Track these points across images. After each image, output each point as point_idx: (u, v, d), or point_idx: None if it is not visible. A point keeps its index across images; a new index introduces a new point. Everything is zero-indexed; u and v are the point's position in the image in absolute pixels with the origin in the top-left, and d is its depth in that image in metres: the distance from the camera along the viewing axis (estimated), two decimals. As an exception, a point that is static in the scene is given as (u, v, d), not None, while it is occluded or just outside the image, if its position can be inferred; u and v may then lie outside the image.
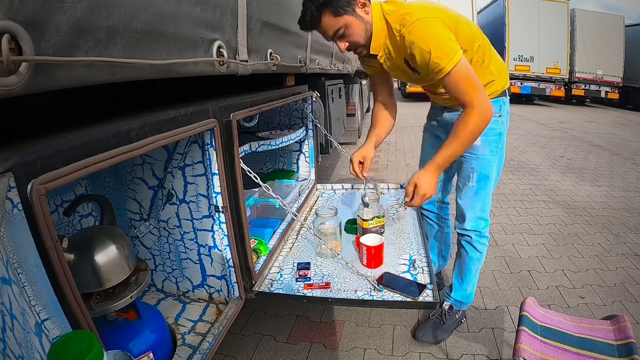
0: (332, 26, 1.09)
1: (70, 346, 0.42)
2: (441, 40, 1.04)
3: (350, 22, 1.09)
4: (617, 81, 10.39)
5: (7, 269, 0.45)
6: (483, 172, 1.35)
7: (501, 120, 1.30)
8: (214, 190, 1.03)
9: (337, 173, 3.92)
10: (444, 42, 1.04)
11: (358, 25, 1.10)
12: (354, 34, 1.11)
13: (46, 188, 0.49)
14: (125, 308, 0.82)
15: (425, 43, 1.04)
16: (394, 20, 1.10)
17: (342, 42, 1.13)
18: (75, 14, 0.48)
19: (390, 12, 1.13)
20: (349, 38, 1.12)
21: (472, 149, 1.29)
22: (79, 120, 0.68)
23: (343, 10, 1.07)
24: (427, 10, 1.09)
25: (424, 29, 1.04)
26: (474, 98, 1.08)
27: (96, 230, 0.91)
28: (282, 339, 1.51)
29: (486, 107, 1.09)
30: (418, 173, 1.19)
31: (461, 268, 1.49)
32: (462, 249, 1.47)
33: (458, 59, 1.04)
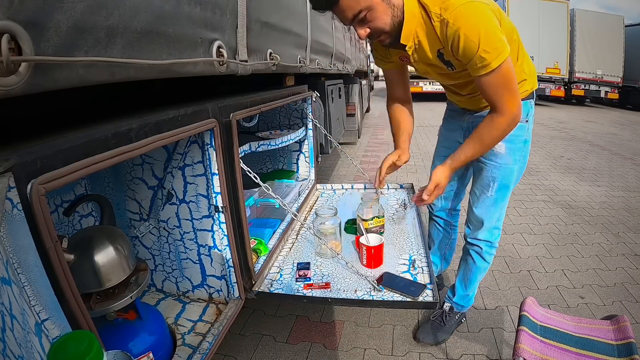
0: (351, 7, 0.92)
1: (70, 346, 0.42)
2: (492, 31, 0.90)
3: (375, 5, 0.93)
4: (617, 81, 10.39)
5: (7, 269, 0.45)
6: (504, 181, 1.26)
7: (527, 126, 1.21)
8: (214, 190, 1.03)
9: (337, 173, 3.92)
10: (495, 34, 0.90)
11: (383, 8, 0.95)
12: (377, 18, 0.96)
13: (46, 188, 0.49)
14: (125, 308, 0.82)
15: (474, 32, 0.89)
16: (433, 3, 0.94)
17: (363, 28, 0.97)
18: (75, 14, 0.48)
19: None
20: (371, 23, 0.96)
21: (495, 156, 1.22)
22: (79, 120, 0.68)
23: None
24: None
25: (472, 15, 0.90)
26: (510, 104, 0.98)
27: (96, 230, 0.91)
28: (282, 339, 1.51)
29: (517, 115, 1.01)
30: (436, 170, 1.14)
31: (466, 275, 1.45)
32: (470, 258, 1.41)
33: (506, 55, 0.92)
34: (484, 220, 1.31)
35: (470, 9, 0.90)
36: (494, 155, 1.22)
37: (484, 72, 0.94)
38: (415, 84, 10.32)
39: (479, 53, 0.91)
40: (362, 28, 0.97)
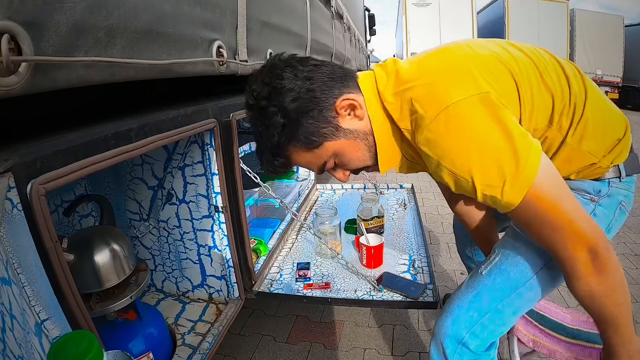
0: (312, 162, 0.71)
1: (70, 346, 0.42)
2: (490, 153, 0.57)
3: (338, 149, 0.68)
4: (617, 81, 10.39)
5: (7, 269, 0.45)
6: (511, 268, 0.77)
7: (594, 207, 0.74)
8: (214, 191, 1.03)
9: (337, 173, 3.92)
10: (497, 154, 0.57)
11: (352, 146, 0.69)
12: (352, 160, 0.71)
13: (46, 188, 0.49)
14: (125, 308, 0.82)
15: (459, 166, 0.59)
16: (397, 111, 0.66)
17: (341, 172, 0.75)
18: (75, 14, 0.48)
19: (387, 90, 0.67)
20: (347, 166, 0.73)
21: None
22: (79, 120, 0.68)
23: (319, 136, 0.66)
24: (447, 72, 0.62)
25: (451, 135, 0.58)
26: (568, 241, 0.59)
27: (96, 230, 0.91)
28: (282, 339, 1.51)
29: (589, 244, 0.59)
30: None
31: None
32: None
33: (531, 176, 0.57)
34: (455, 306, 0.82)
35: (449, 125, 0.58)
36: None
37: (504, 211, 0.62)
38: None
39: (481, 191, 0.60)
40: (341, 172, 0.75)
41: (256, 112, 0.67)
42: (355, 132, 0.69)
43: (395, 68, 0.69)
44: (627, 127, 0.72)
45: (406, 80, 0.65)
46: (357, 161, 0.72)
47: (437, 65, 0.65)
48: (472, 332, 0.78)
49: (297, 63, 0.66)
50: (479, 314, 0.78)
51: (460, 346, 0.79)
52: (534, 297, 0.77)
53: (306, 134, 0.66)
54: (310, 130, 0.66)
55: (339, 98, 0.66)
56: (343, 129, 0.68)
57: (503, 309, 0.77)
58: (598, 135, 0.69)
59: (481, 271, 0.82)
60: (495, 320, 0.78)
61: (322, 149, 0.68)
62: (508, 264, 0.77)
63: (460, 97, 0.58)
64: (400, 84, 0.66)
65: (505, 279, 0.77)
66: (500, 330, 0.80)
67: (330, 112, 0.66)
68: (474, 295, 0.79)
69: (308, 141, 0.67)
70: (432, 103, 0.60)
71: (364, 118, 0.69)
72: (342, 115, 0.67)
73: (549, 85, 0.67)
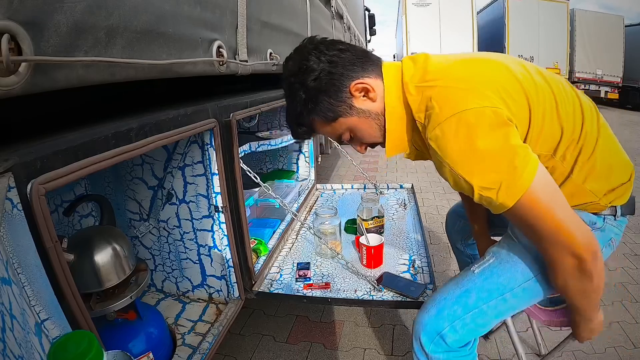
0: (330, 132, 0.81)
1: (70, 346, 0.42)
2: (491, 160, 0.62)
3: (352, 124, 0.77)
4: (617, 81, 10.39)
5: (7, 269, 0.45)
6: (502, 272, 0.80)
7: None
8: (214, 190, 1.03)
9: (337, 173, 3.93)
10: (497, 161, 0.62)
11: (364, 123, 0.77)
12: (365, 136, 0.80)
13: (46, 188, 0.49)
14: (125, 308, 0.82)
15: (461, 166, 0.64)
16: (416, 103, 0.71)
17: (359, 145, 0.84)
18: (75, 14, 0.48)
19: (412, 82, 0.72)
20: (363, 140, 0.82)
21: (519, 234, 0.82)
22: (79, 120, 0.68)
23: (334, 112, 0.75)
24: (469, 83, 0.67)
25: (459, 138, 0.62)
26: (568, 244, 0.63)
27: (96, 230, 0.91)
28: (282, 339, 1.51)
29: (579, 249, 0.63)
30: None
31: None
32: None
33: (525, 184, 0.61)
34: (442, 298, 0.84)
35: (458, 127, 0.62)
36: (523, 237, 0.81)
37: (499, 212, 0.66)
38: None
39: (478, 192, 0.64)
40: (358, 145, 0.84)
41: (285, 86, 0.78)
42: (367, 112, 0.77)
43: (424, 64, 0.75)
44: (632, 173, 0.77)
45: (431, 78, 0.71)
46: (369, 137, 0.80)
47: (463, 74, 0.70)
48: (453, 326, 0.80)
49: (324, 47, 0.75)
50: (464, 310, 0.80)
51: (438, 337, 0.81)
52: (517, 304, 0.82)
53: (323, 109, 0.75)
54: (326, 107, 0.75)
55: (355, 81, 0.74)
56: (356, 108, 0.76)
57: (487, 311, 0.80)
58: (603, 177, 0.74)
59: (473, 270, 0.85)
60: (477, 320, 0.81)
61: (337, 123, 0.77)
62: (500, 269, 0.81)
63: (474, 105, 0.63)
64: (425, 80, 0.71)
65: (495, 282, 0.80)
66: (479, 331, 0.82)
67: (345, 93, 0.75)
68: (462, 292, 0.82)
69: (325, 115, 0.76)
70: (448, 105, 0.65)
71: (377, 100, 0.76)
72: (356, 97, 0.75)
73: (562, 117, 0.71)
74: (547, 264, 0.70)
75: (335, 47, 0.75)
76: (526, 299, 0.81)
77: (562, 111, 0.71)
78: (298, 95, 0.75)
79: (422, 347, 0.83)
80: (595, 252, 0.64)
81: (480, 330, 0.82)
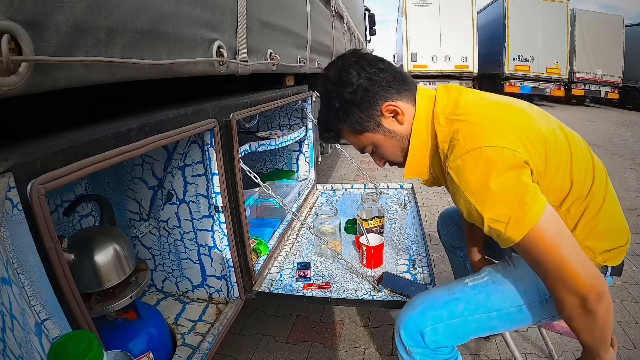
0: (354, 143, 0.87)
1: (70, 346, 0.42)
2: (503, 196, 0.65)
3: (376, 141, 0.82)
4: (617, 81, 10.39)
5: (7, 269, 0.45)
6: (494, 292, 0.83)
7: None
8: (214, 190, 1.03)
9: (337, 173, 3.92)
10: (508, 197, 0.65)
11: (387, 142, 0.82)
12: (386, 153, 0.85)
13: (46, 188, 0.49)
14: (125, 308, 0.82)
15: (475, 198, 0.67)
16: (443, 133, 0.75)
17: (376, 158, 0.89)
18: (75, 14, 0.48)
19: (442, 114, 0.76)
20: (383, 157, 0.87)
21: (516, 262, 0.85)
22: (79, 120, 0.68)
23: (362, 126, 0.81)
24: (495, 123, 0.70)
25: (478, 171, 0.66)
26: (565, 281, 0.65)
27: (96, 230, 0.91)
28: (282, 339, 1.51)
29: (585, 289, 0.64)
30: None
31: None
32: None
33: (533, 220, 0.64)
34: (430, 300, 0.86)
35: (478, 161, 0.66)
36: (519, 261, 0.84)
37: (506, 245, 0.69)
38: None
39: (487, 224, 0.67)
40: (378, 159, 0.89)
41: (322, 91, 0.84)
42: (394, 132, 0.82)
43: (457, 98, 0.79)
44: (628, 238, 0.82)
45: (461, 113, 0.74)
46: (390, 155, 0.85)
47: (491, 114, 0.74)
48: (435, 327, 0.82)
49: (366, 63, 0.78)
50: (449, 316, 0.82)
51: (417, 334, 0.83)
52: (498, 326, 0.84)
53: (353, 122, 0.80)
54: (356, 120, 0.80)
55: (387, 102, 0.79)
56: (383, 127, 0.81)
57: (470, 322, 0.83)
58: (603, 237, 0.78)
59: (467, 282, 0.87)
60: (458, 328, 0.83)
61: (364, 136, 0.83)
62: (492, 289, 0.84)
63: (496, 144, 0.67)
64: (455, 113, 0.75)
65: (484, 299, 0.83)
66: (456, 340, 0.84)
67: (376, 111, 0.79)
68: (452, 298, 0.84)
69: (353, 127, 0.81)
70: (472, 139, 0.69)
71: (404, 124, 0.81)
72: (386, 117, 0.80)
73: (574, 172, 0.74)
74: (553, 299, 0.71)
75: (377, 65, 0.79)
76: (508, 323, 0.84)
77: (575, 167, 0.74)
78: (332, 103, 0.80)
79: (402, 341, 0.85)
80: (600, 292, 0.65)
81: (457, 340, 0.84)
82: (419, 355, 0.83)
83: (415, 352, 0.84)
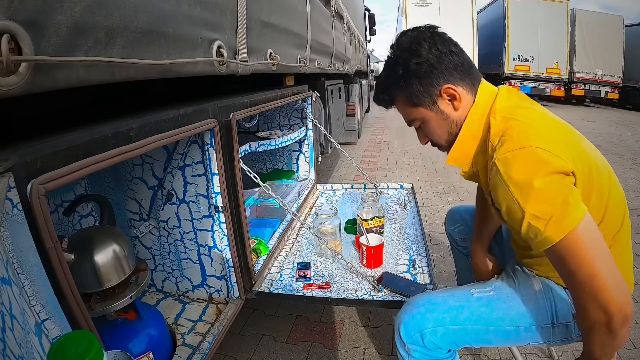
0: (405, 114, 0.86)
1: (70, 346, 0.42)
2: (547, 193, 0.64)
3: (427, 117, 0.82)
4: (617, 81, 10.39)
5: (7, 269, 0.45)
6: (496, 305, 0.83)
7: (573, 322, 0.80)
8: (214, 190, 1.03)
9: (337, 173, 3.92)
10: (553, 195, 0.64)
11: (438, 123, 0.82)
12: (432, 133, 0.85)
13: (46, 188, 0.49)
14: (125, 308, 0.82)
15: (520, 191, 0.66)
16: (497, 127, 0.75)
17: (419, 134, 0.89)
18: (75, 14, 0.48)
19: (500, 112, 0.76)
20: (428, 135, 0.87)
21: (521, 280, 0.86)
22: (79, 120, 0.68)
23: (417, 100, 0.80)
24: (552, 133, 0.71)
25: (526, 166, 0.66)
26: (596, 298, 0.62)
27: (96, 230, 0.91)
28: (282, 339, 1.51)
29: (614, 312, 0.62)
30: None
31: None
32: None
33: (574, 222, 0.63)
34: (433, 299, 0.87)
35: (527, 158, 0.66)
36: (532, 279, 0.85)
37: (543, 248, 0.67)
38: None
39: (527, 220, 0.65)
40: (422, 136, 0.89)
41: (390, 55, 0.83)
42: (446, 115, 0.81)
43: (518, 102, 0.80)
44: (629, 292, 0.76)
45: (520, 114, 0.74)
46: (436, 135, 0.85)
47: (548, 124, 0.74)
48: (435, 330, 0.83)
49: (440, 41, 0.78)
50: (451, 321, 0.83)
51: (417, 334, 0.83)
52: (494, 340, 0.85)
53: (410, 92, 0.80)
54: (414, 92, 0.79)
55: (449, 85, 0.78)
56: (438, 107, 0.81)
57: (470, 332, 0.83)
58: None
59: (473, 292, 0.88)
60: (456, 335, 0.83)
61: (416, 109, 0.82)
62: (496, 305, 0.84)
63: (548, 149, 0.66)
64: (513, 114, 0.75)
65: (487, 313, 0.83)
66: (452, 345, 0.85)
67: (435, 89, 0.79)
68: (457, 305, 0.85)
69: (409, 98, 0.81)
70: (526, 138, 0.68)
71: (458, 111, 0.81)
72: (443, 98, 0.80)
73: (608, 209, 0.74)
74: (577, 309, 0.69)
75: (449, 46, 0.78)
76: (503, 340, 0.85)
77: (611, 204, 0.74)
78: (396, 69, 0.80)
79: (401, 338, 0.85)
80: (627, 316, 0.62)
81: (452, 345, 0.85)
82: (417, 353, 0.84)
83: (414, 349, 0.85)
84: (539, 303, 0.81)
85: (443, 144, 0.87)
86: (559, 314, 0.80)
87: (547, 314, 0.81)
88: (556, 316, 0.80)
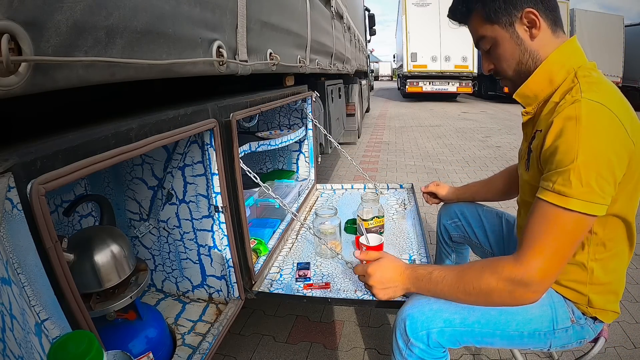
0: (476, 30, 0.82)
1: (70, 346, 0.42)
2: (600, 164, 0.63)
3: (500, 38, 0.78)
4: (617, 81, 10.39)
5: (7, 269, 0.45)
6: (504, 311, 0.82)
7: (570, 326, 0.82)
8: (214, 191, 1.03)
9: (337, 173, 3.93)
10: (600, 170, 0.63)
11: (511, 48, 0.78)
12: (501, 58, 0.80)
13: (46, 188, 0.49)
14: (125, 308, 0.82)
15: (573, 145, 0.64)
16: (567, 85, 0.73)
17: (488, 61, 0.84)
18: (75, 14, 0.48)
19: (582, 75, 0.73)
20: (495, 60, 0.82)
21: None
22: (79, 120, 0.68)
23: (495, 16, 0.76)
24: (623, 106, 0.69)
25: (589, 118, 0.64)
26: (538, 256, 0.68)
27: (96, 230, 0.91)
28: (282, 339, 1.51)
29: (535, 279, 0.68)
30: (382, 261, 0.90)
31: None
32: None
33: (590, 209, 0.64)
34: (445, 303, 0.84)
35: (593, 114, 0.64)
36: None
37: (545, 198, 0.67)
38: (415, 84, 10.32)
39: (565, 168, 0.64)
40: (487, 61, 0.84)
41: None
42: (521, 40, 0.77)
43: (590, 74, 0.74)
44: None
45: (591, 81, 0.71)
46: (504, 61, 0.80)
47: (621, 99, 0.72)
48: (443, 330, 0.82)
49: None
50: (461, 323, 0.83)
51: (424, 332, 0.82)
52: (495, 343, 0.86)
53: (490, 7, 0.76)
54: (494, 7, 0.76)
55: (532, 9, 0.74)
56: (514, 29, 0.77)
57: (476, 334, 0.84)
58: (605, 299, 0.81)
59: None
60: (462, 336, 0.83)
61: (491, 27, 0.78)
62: (504, 308, 0.84)
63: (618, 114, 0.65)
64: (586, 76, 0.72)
65: (495, 316, 0.83)
66: (452, 345, 0.85)
67: (516, 10, 0.75)
68: (467, 309, 0.84)
69: (487, 13, 0.77)
70: (599, 95, 0.67)
71: (535, 41, 0.77)
72: (522, 22, 0.76)
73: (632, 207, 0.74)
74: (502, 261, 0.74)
75: None
76: (506, 343, 0.86)
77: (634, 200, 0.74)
78: None
79: (406, 332, 0.84)
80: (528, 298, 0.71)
81: (455, 344, 0.85)
82: (418, 349, 0.83)
83: (417, 346, 0.84)
84: (542, 309, 0.83)
85: (509, 74, 0.81)
86: (559, 320, 0.82)
87: (549, 320, 0.82)
88: (556, 322, 0.82)
